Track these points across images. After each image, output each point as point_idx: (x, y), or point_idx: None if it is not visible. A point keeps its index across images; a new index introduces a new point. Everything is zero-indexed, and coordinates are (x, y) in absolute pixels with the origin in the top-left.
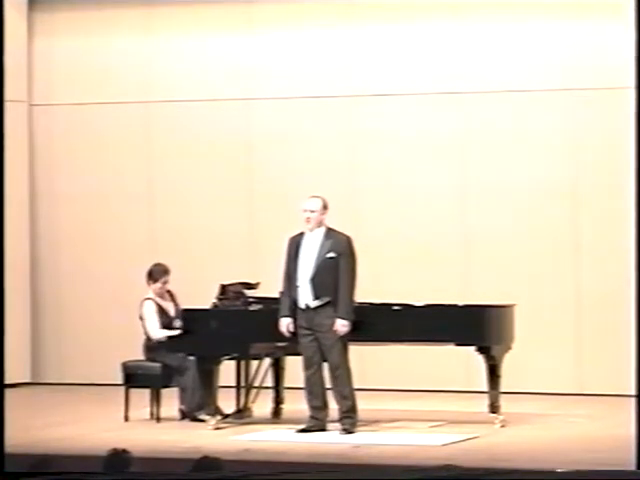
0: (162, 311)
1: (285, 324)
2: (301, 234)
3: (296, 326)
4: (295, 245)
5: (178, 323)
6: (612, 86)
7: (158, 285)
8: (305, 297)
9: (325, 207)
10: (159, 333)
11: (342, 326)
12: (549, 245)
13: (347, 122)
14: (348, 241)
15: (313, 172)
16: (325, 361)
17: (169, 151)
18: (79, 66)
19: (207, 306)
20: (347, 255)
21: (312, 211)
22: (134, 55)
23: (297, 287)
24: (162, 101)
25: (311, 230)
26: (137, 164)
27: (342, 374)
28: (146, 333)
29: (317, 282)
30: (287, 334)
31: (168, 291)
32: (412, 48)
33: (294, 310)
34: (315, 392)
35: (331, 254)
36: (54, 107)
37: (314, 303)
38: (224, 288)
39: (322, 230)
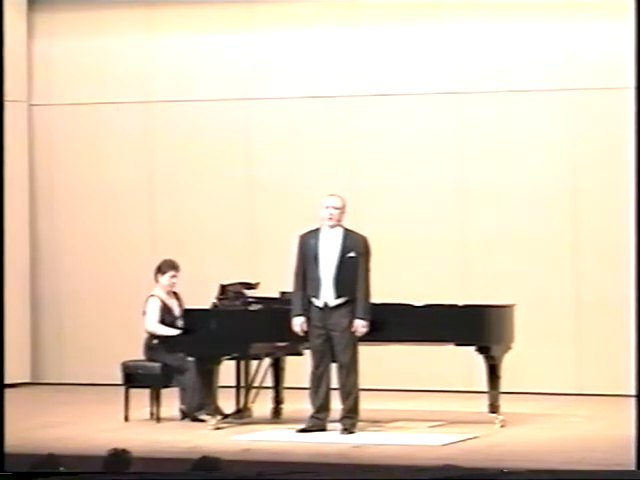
0: (166, 308)
1: (299, 323)
2: (316, 231)
3: (308, 325)
4: (312, 242)
5: (181, 323)
6: (612, 86)
7: (166, 278)
8: (326, 296)
9: (344, 206)
10: (154, 326)
11: (362, 327)
12: (549, 245)
13: (347, 122)
14: (365, 241)
15: (313, 172)
16: (334, 361)
17: (169, 151)
18: (79, 66)
19: (207, 306)
20: (365, 255)
21: (335, 207)
22: (134, 55)
23: (319, 285)
24: (162, 101)
25: (332, 227)
26: (137, 164)
27: (351, 374)
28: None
29: (339, 281)
30: (301, 333)
31: (174, 292)
32: (412, 48)
33: (307, 309)
34: (320, 392)
35: (352, 254)
36: (54, 107)
37: (334, 302)
38: (224, 288)
39: (340, 229)
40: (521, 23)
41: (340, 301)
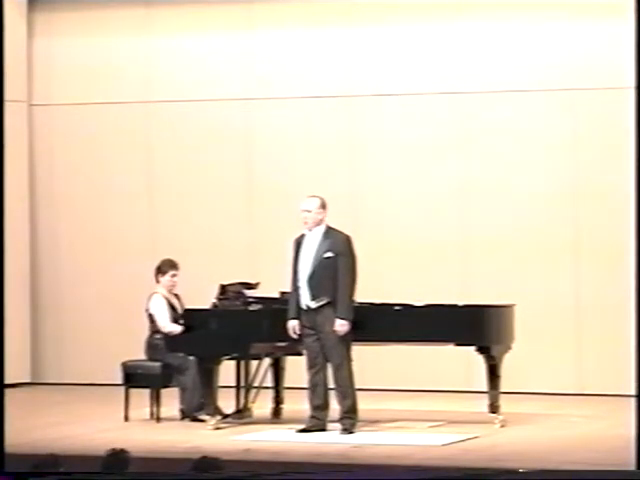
0: (170, 306)
1: (292, 326)
2: (302, 235)
3: (301, 327)
4: (297, 246)
5: (182, 322)
6: (612, 86)
7: (167, 278)
8: (305, 298)
9: (323, 206)
10: (171, 327)
11: (341, 326)
12: (549, 245)
13: (347, 122)
14: (347, 240)
15: (313, 172)
16: (328, 361)
17: (169, 151)
18: (79, 66)
19: (207, 306)
20: (345, 254)
21: (308, 211)
22: (134, 55)
23: (298, 288)
24: (162, 101)
25: (310, 230)
26: (137, 164)
27: (344, 374)
28: (151, 328)
29: (315, 283)
30: (294, 336)
31: (175, 294)
32: (412, 48)
33: (299, 312)
34: (317, 392)
35: (328, 254)
36: (54, 107)
37: (313, 304)
38: (224, 288)
39: (321, 230)
40: (521, 23)
41: (320, 302)
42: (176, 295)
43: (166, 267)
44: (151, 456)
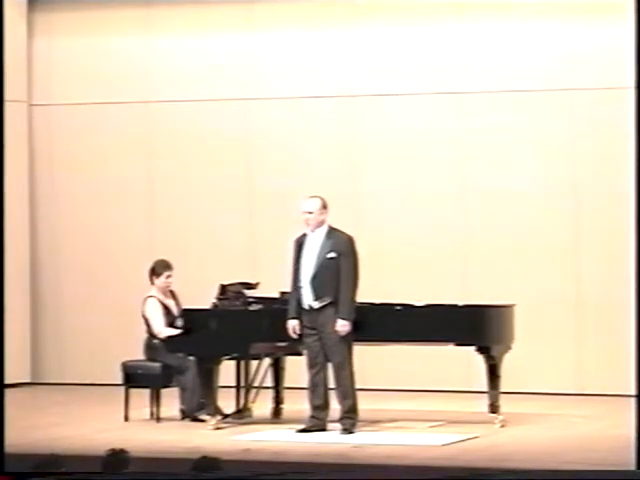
0: (165, 309)
1: (292, 326)
2: (304, 235)
3: (301, 326)
4: (298, 246)
5: (180, 322)
6: (612, 86)
7: (162, 280)
8: (307, 298)
9: (324, 207)
10: (166, 331)
11: (342, 326)
12: (549, 245)
13: (347, 122)
14: (349, 240)
15: (313, 172)
16: (329, 361)
17: (169, 151)
18: (79, 66)
19: (207, 306)
20: (348, 255)
21: (310, 212)
22: (134, 55)
23: (300, 288)
24: (162, 101)
25: (312, 231)
26: (137, 164)
27: (345, 374)
28: (148, 331)
29: (318, 283)
30: (294, 336)
31: (170, 291)
32: (412, 48)
33: (300, 311)
34: (318, 392)
35: (331, 254)
36: (54, 107)
37: (316, 304)
38: (224, 288)
39: (324, 230)
40: (521, 23)
41: (323, 302)
42: (172, 292)
43: (160, 268)
44: (151, 456)
